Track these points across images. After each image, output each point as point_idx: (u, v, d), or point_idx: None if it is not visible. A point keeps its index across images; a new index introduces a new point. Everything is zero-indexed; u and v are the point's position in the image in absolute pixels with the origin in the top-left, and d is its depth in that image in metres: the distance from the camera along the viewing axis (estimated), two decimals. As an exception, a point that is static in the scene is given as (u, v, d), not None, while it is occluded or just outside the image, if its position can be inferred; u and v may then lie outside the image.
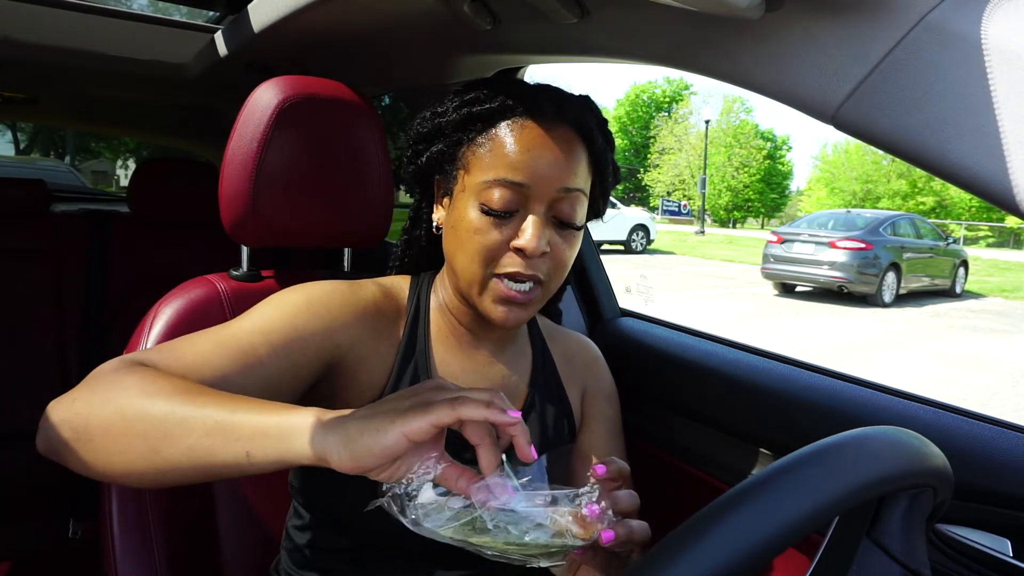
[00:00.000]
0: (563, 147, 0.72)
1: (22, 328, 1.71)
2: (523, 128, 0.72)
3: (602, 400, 0.91)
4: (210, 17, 1.48)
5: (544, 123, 0.72)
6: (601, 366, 0.93)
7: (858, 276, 9.55)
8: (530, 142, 0.71)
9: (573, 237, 0.75)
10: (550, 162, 0.71)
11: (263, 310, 0.72)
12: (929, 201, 31.48)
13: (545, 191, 0.71)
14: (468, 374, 0.81)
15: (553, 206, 0.72)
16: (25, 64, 1.53)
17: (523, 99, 0.73)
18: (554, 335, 0.93)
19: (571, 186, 0.72)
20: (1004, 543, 0.70)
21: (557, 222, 0.73)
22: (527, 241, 0.70)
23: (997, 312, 9.84)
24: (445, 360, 0.80)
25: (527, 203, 0.71)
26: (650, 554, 0.41)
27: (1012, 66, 0.42)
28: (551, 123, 0.72)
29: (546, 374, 0.87)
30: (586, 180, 0.74)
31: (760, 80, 0.58)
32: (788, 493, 0.41)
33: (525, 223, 0.71)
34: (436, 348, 0.80)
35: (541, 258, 0.72)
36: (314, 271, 1.05)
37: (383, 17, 0.95)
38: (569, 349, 0.92)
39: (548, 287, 0.75)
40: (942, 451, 0.50)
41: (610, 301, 1.34)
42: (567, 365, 0.90)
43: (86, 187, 5.27)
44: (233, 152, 0.89)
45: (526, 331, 0.90)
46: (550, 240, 0.72)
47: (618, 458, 0.86)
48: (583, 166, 0.73)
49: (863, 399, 0.87)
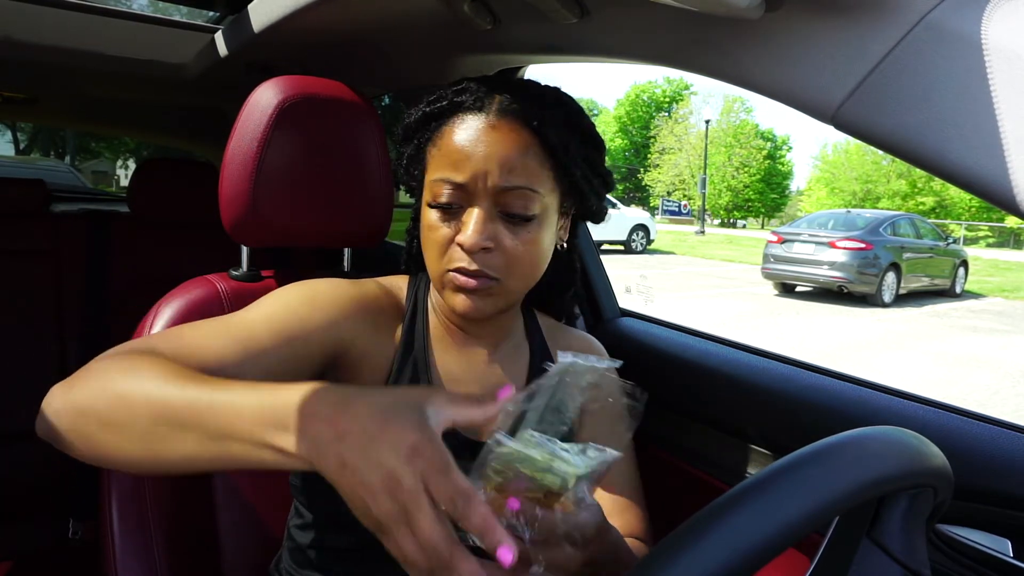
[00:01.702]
0: (503, 141, 0.70)
1: (22, 328, 1.71)
2: (465, 125, 0.71)
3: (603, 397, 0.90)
4: (210, 17, 1.48)
5: (487, 118, 0.71)
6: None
7: (858, 276, 9.55)
8: (468, 139, 0.71)
9: (526, 231, 0.72)
10: (486, 158, 0.70)
11: (268, 301, 0.72)
12: (929, 201, 31.49)
13: (484, 188, 0.70)
14: (465, 373, 0.81)
15: (499, 200, 0.71)
16: (25, 64, 1.53)
17: (473, 94, 0.73)
18: (556, 334, 0.92)
19: (510, 184, 0.70)
20: (1004, 543, 0.70)
21: (505, 216, 0.71)
22: (465, 237, 0.70)
23: (997, 312, 9.84)
24: (443, 359, 0.81)
25: (470, 199, 0.71)
26: (650, 554, 0.41)
27: (1012, 66, 0.42)
28: (494, 117, 0.71)
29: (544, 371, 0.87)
30: (537, 176, 0.72)
31: (760, 80, 0.58)
32: (788, 493, 0.41)
33: (465, 217, 0.71)
34: (434, 348, 0.81)
35: (489, 254, 0.71)
36: (314, 271, 1.05)
37: (383, 17, 0.95)
38: (569, 345, 0.91)
39: (507, 285, 0.73)
40: (942, 451, 0.50)
41: (610, 301, 1.34)
42: None
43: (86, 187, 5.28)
44: (233, 152, 0.89)
45: (523, 330, 0.89)
46: (496, 235, 0.71)
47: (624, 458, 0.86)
48: (532, 161, 0.71)
49: (863, 399, 0.87)
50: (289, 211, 0.92)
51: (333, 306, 0.73)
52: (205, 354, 0.62)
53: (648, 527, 0.85)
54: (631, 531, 0.82)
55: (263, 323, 0.68)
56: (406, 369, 0.78)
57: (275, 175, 0.90)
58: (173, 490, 0.85)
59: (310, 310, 0.71)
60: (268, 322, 0.68)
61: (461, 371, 0.81)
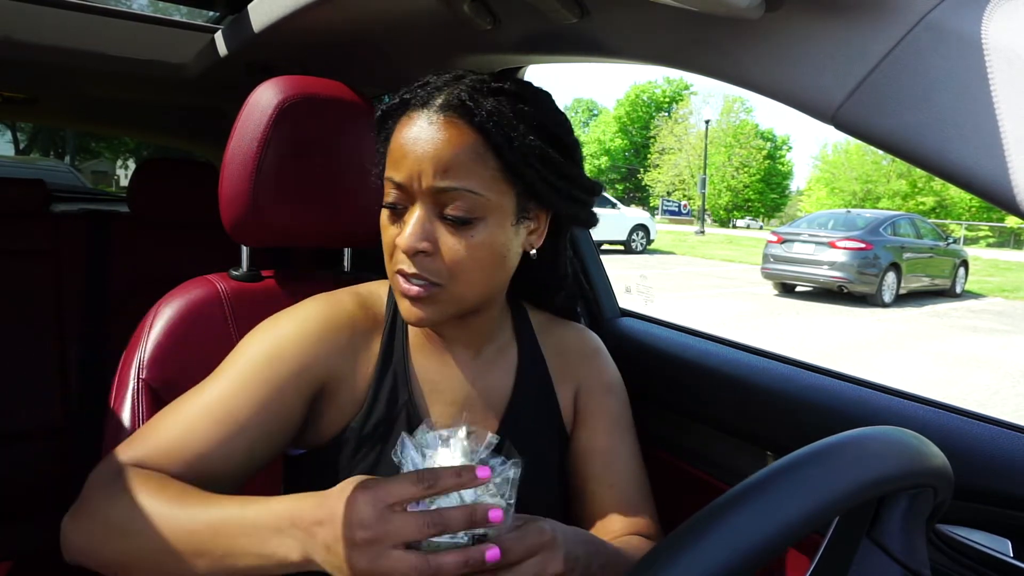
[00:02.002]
0: (440, 138, 0.66)
1: (22, 328, 1.71)
2: (408, 121, 0.69)
3: (601, 393, 0.86)
4: (210, 17, 1.48)
5: (428, 115, 0.68)
6: (600, 358, 0.89)
7: (858, 276, 9.55)
8: (408, 137, 0.68)
9: (468, 234, 0.68)
10: (420, 157, 0.66)
11: (239, 365, 0.71)
12: (929, 201, 31.49)
13: (420, 188, 0.67)
14: (448, 380, 0.79)
15: (437, 201, 0.67)
16: (25, 64, 1.53)
17: (424, 90, 0.70)
18: (549, 329, 0.89)
19: (445, 185, 0.66)
20: (1004, 543, 0.70)
21: (445, 218, 0.68)
22: (401, 239, 0.68)
23: (997, 312, 9.84)
24: (424, 368, 0.79)
25: (411, 199, 0.68)
26: (649, 554, 0.41)
27: (1012, 66, 0.42)
28: (435, 113, 0.67)
29: (534, 372, 0.84)
30: (476, 176, 0.67)
31: (760, 80, 0.58)
32: (788, 493, 0.41)
33: (407, 218, 0.69)
34: (414, 356, 0.79)
35: (428, 257, 0.68)
36: (314, 271, 1.05)
37: (383, 17, 0.95)
38: (563, 342, 0.88)
39: (451, 291, 0.69)
40: (942, 451, 0.50)
41: (610, 301, 1.34)
42: (559, 360, 0.87)
43: (86, 187, 5.28)
44: (233, 152, 0.89)
45: (511, 327, 0.86)
46: (435, 237, 0.68)
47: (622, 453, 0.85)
48: (468, 161, 0.66)
49: (863, 399, 0.87)
50: (289, 211, 0.92)
51: (301, 352, 0.72)
52: (191, 448, 0.66)
53: (658, 527, 0.83)
54: (640, 531, 0.81)
55: (239, 396, 0.69)
56: (385, 382, 0.76)
57: (275, 175, 0.90)
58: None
59: (279, 366, 0.71)
60: (244, 393, 0.69)
61: (442, 378, 0.79)
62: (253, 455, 0.69)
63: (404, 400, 0.76)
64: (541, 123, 0.70)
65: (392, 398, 0.76)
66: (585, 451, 0.84)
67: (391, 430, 0.75)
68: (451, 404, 0.79)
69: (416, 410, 0.76)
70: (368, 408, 0.75)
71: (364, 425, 0.74)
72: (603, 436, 0.85)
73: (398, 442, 0.62)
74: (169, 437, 0.67)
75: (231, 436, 0.67)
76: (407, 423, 0.75)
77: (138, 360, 0.86)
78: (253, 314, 0.92)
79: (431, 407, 0.78)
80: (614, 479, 0.83)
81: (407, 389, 0.77)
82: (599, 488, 0.82)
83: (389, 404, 0.76)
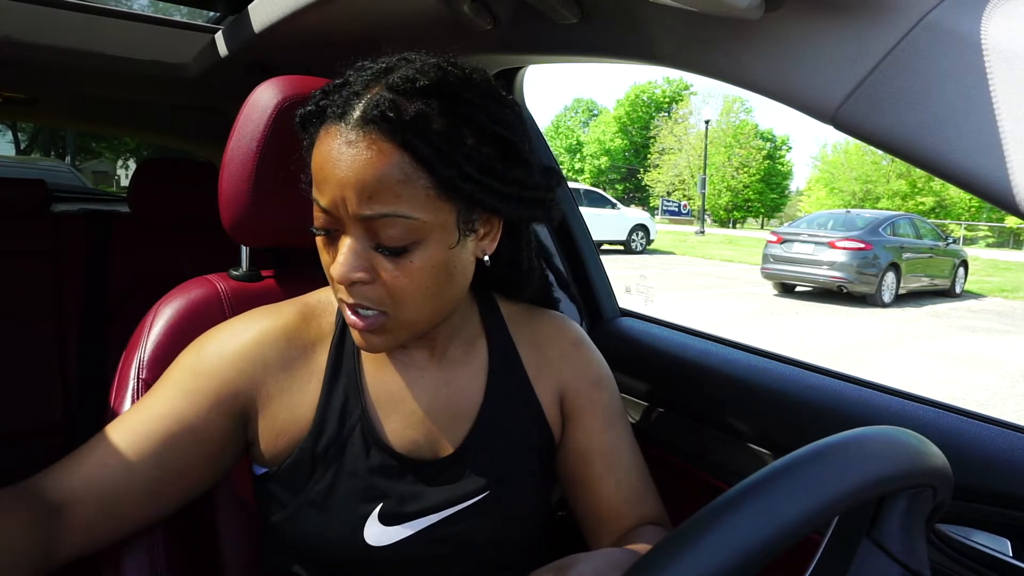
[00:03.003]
0: (359, 163, 0.58)
1: (22, 328, 1.71)
2: (325, 139, 0.60)
3: (589, 389, 0.80)
4: (210, 17, 1.48)
5: (345, 132, 0.59)
6: (584, 350, 0.82)
7: (858, 276, 9.55)
8: (326, 157, 0.59)
9: (407, 261, 0.61)
10: (341, 182, 0.58)
11: (163, 380, 0.69)
12: (929, 201, 31.48)
13: (347, 215, 0.59)
14: (406, 391, 0.73)
15: (368, 228, 0.60)
16: (25, 64, 1.53)
17: (341, 96, 0.61)
18: (522, 319, 0.81)
19: (373, 212, 0.58)
20: (1004, 543, 0.70)
21: (378, 246, 0.61)
22: (333, 269, 0.61)
23: (997, 312, 9.84)
24: (378, 379, 0.72)
25: (342, 224, 0.61)
26: (648, 555, 0.41)
27: (1012, 66, 0.42)
28: (353, 131, 0.58)
29: (507, 375, 0.77)
30: (406, 198, 0.58)
31: (760, 80, 0.58)
32: (787, 493, 0.41)
33: (339, 246, 0.61)
34: (368, 367, 0.73)
35: (367, 286, 0.62)
36: (314, 271, 1.05)
37: (383, 17, 0.95)
38: (539, 335, 0.81)
39: (400, 316, 0.63)
40: (942, 451, 0.50)
41: (610, 301, 1.34)
42: (537, 355, 0.80)
43: (86, 187, 5.28)
44: (233, 152, 0.89)
45: (479, 325, 0.78)
46: (372, 266, 0.61)
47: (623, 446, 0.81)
48: (394, 183, 0.58)
49: (863, 399, 0.87)
50: (289, 211, 0.92)
51: (224, 366, 0.69)
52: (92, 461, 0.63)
53: (665, 513, 0.81)
54: (649, 519, 0.78)
55: (154, 407, 0.67)
56: (334, 398, 0.71)
57: (275, 175, 0.90)
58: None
59: (200, 379, 0.68)
60: (160, 404, 0.67)
61: (400, 388, 0.73)
62: (163, 468, 0.65)
63: (357, 416, 0.70)
64: (479, 124, 0.61)
65: (343, 414, 0.70)
66: (585, 452, 0.79)
67: (344, 448, 0.69)
68: (411, 415, 0.72)
69: (371, 425, 0.71)
70: (317, 427, 0.70)
71: (315, 445, 0.69)
72: (601, 434, 0.80)
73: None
74: (72, 457, 0.64)
75: (136, 447, 0.64)
76: (362, 439, 0.70)
77: (138, 360, 0.86)
78: (253, 314, 0.93)
79: (387, 421, 0.71)
80: (620, 475, 0.79)
81: (360, 403, 0.71)
82: (605, 487, 0.78)
83: (341, 421, 0.70)
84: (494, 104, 0.63)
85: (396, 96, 0.58)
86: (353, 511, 0.68)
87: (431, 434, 0.73)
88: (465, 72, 0.62)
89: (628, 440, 0.82)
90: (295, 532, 0.70)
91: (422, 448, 0.72)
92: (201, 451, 0.68)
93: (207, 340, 0.72)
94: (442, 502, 0.71)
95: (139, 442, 0.65)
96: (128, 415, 0.68)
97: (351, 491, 0.69)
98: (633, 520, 0.78)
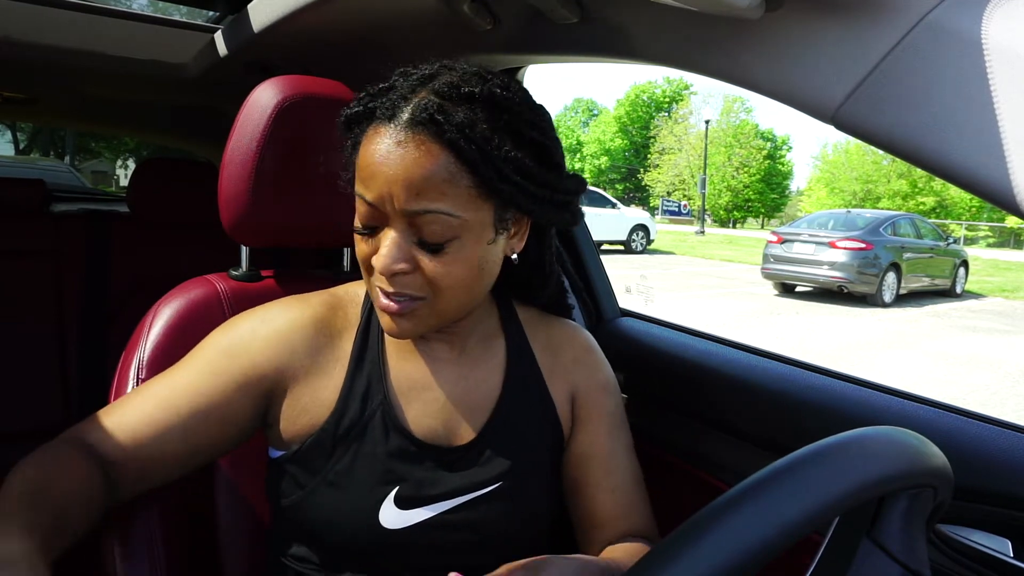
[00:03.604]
0: (408, 162, 0.62)
1: (22, 328, 1.71)
2: (374, 138, 0.64)
3: (598, 393, 0.84)
4: (210, 17, 1.48)
5: (395, 132, 0.63)
6: (594, 357, 0.86)
7: (858, 276, 9.55)
8: (376, 155, 0.63)
9: (447, 255, 0.65)
10: (391, 179, 0.62)
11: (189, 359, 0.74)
12: (929, 201, 31.47)
13: (394, 210, 0.63)
14: (428, 381, 0.77)
15: (412, 223, 0.64)
16: (25, 64, 1.53)
17: (389, 99, 0.65)
18: (537, 324, 0.85)
19: (419, 208, 0.62)
20: (1004, 543, 0.70)
21: (420, 240, 0.65)
22: (376, 260, 0.65)
23: (997, 312, 9.84)
24: (402, 369, 0.76)
25: (385, 219, 0.65)
26: (648, 555, 0.41)
27: (1012, 66, 0.42)
28: (403, 132, 0.63)
29: (523, 370, 0.81)
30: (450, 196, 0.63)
31: (760, 80, 0.58)
32: (788, 493, 0.41)
33: (382, 237, 0.66)
34: (391, 356, 0.77)
35: (406, 276, 0.66)
36: (314, 271, 1.05)
37: (383, 17, 0.95)
38: (553, 339, 0.85)
39: (435, 305, 0.68)
40: (942, 451, 0.50)
41: (610, 301, 1.34)
42: (550, 357, 0.84)
43: (86, 187, 5.28)
44: (233, 152, 0.89)
45: (497, 323, 0.83)
46: (413, 258, 0.65)
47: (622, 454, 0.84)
48: (440, 181, 0.62)
49: (863, 399, 0.87)
50: (289, 211, 0.92)
51: (253, 351, 0.73)
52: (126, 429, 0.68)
53: (654, 526, 0.83)
54: (638, 531, 0.80)
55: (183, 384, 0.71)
56: (357, 383, 0.74)
57: (275, 175, 0.90)
58: (174, 488, 0.85)
59: (228, 361, 0.72)
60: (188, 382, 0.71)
61: (422, 377, 0.77)
62: (188, 443, 0.70)
63: (379, 401, 0.74)
64: (517, 130, 0.66)
65: (365, 398, 0.74)
66: (585, 455, 0.82)
67: (365, 431, 0.73)
68: (431, 403, 0.76)
69: (392, 410, 0.74)
70: (340, 408, 0.73)
71: (337, 427, 0.73)
72: (603, 439, 0.82)
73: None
74: (111, 418, 0.69)
75: (167, 421, 0.69)
76: (382, 423, 0.74)
77: (138, 360, 0.86)
78: (253, 314, 0.93)
79: (408, 408, 0.75)
80: (615, 483, 0.81)
81: (383, 389, 0.74)
82: (600, 493, 0.80)
83: (363, 404, 0.74)
84: (530, 111, 0.68)
85: (443, 101, 0.63)
86: (370, 492, 0.71)
87: (449, 423, 0.76)
88: (503, 80, 0.67)
89: (627, 449, 0.85)
90: (310, 513, 0.72)
91: (440, 436, 0.75)
92: (222, 431, 0.72)
93: (240, 322, 0.75)
94: (457, 488, 0.74)
95: (169, 417, 0.69)
96: (156, 386, 0.72)
97: (369, 472, 0.72)
98: (623, 529, 0.80)
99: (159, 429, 0.69)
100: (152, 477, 0.71)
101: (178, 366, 0.73)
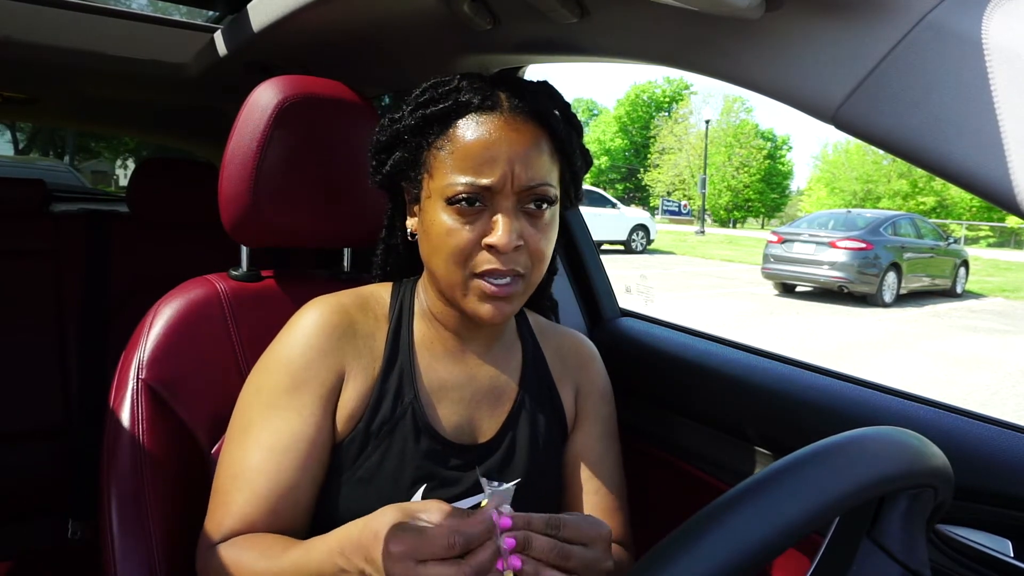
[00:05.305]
0: (522, 140, 0.71)
1: (22, 328, 1.71)
2: (479, 124, 0.71)
3: (596, 398, 0.89)
4: (210, 17, 1.48)
5: (500, 117, 0.71)
6: (596, 364, 0.92)
7: (858, 276, 9.55)
8: (487, 139, 0.70)
9: (547, 226, 0.74)
10: (509, 157, 0.69)
11: (260, 408, 0.75)
12: (929, 201, 31.46)
13: (511, 188, 0.70)
14: (455, 379, 0.81)
15: (522, 197, 0.71)
16: (25, 64, 1.52)
17: (476, 93, 0.72)
18: (546, 332, 0.91)
19: (535, 181, 0.71)
20: (1004, 543, 0.70)
21: (527, 213, 0.72)
22: (498, 239, 0.69)
23: (997, 312, 9.84)
24: (431, 367, 0.80)
25: (493, 200, 0.70)
26: (649, 555, 0.41)
27: (1012, 66, 0.42)
28: (508, 116, 0.71)
29: (537, 373, 0.86)
30: (551, 170, 0.73)
31: (760, 80, 0.58)
32: (788, 493, 0.41)
33: (495, 219, 0.70)
34: (421, 355, 0.80)
35: (516, 252, 0.71)
36: (314, 271, 1.05)
37: (383, 17, 0.95)
38: (562, 347, 0.90)
39: (530, 279, 0.74)
40: (942, 451, 0.50)
41: (610, 301, 1.34)
42: (559, 363, 0.89)
43: (86, 187, 5.27)
44: (233, 152, 0.89)
45: (515, 329, 0.88)
46: (523, 233, 0.71)
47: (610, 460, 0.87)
48: (546, 156, 0.72)
49: (863, 399, 0.87)
50: (289, 211, 0.92)
51: (315, 368, 0.75)
52: (266, 498, 0.72)
53: (630, 535, 0.86)
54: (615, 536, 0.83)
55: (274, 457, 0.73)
56: (390, 381, 0.78)
57: (275, 175, 0.90)
58: (173, 491, 0.85)
59: (303, 389, 0.74)
60: (282, 429, 0.73)
61: (451, 377, 0.81)
62: (316, 475, 0.74)
63: (410, 399, 0.77)
64: (571, 115, 0.77)
65: (397, 397, 0.77)
66: (577, 456, 0.86)
67: (395, 428, 0.76)
68: (457, 402, 0.80)
69: (422, 408, 0.78)
70: (373, 407, 0.77)
71: (370, 424, 0.76)
72: (596, 442, 0.87)
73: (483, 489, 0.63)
74: (242, 501, 0.72)
75: (292, 470, 0.72)
76: (412, 422, 0.77)
77: (137, 360, 0.86)
78: (252, 314, 0.92)
79: (438, 405, 0.79)
80: (599, 485, 0.85)
81: (413, 388, 0.78)
82: (583, 494, 0.85)
83: (394, 403, 0.77)
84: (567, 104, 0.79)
85: (525, 91, 0.74)
86: (397, 488, 0.74)
87: (473, 420, 0.80)
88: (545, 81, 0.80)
89: (615, 457, 0.89)
90: (337, 510, 0.75)
91: (464, 433, 0.79)
92: (327, 450, 0.76)
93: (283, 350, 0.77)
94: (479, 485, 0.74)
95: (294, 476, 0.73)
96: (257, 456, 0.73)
97: (398, 468, 0.75)
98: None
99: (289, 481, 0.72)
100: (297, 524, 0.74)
101: (255, 425, 0.75)
